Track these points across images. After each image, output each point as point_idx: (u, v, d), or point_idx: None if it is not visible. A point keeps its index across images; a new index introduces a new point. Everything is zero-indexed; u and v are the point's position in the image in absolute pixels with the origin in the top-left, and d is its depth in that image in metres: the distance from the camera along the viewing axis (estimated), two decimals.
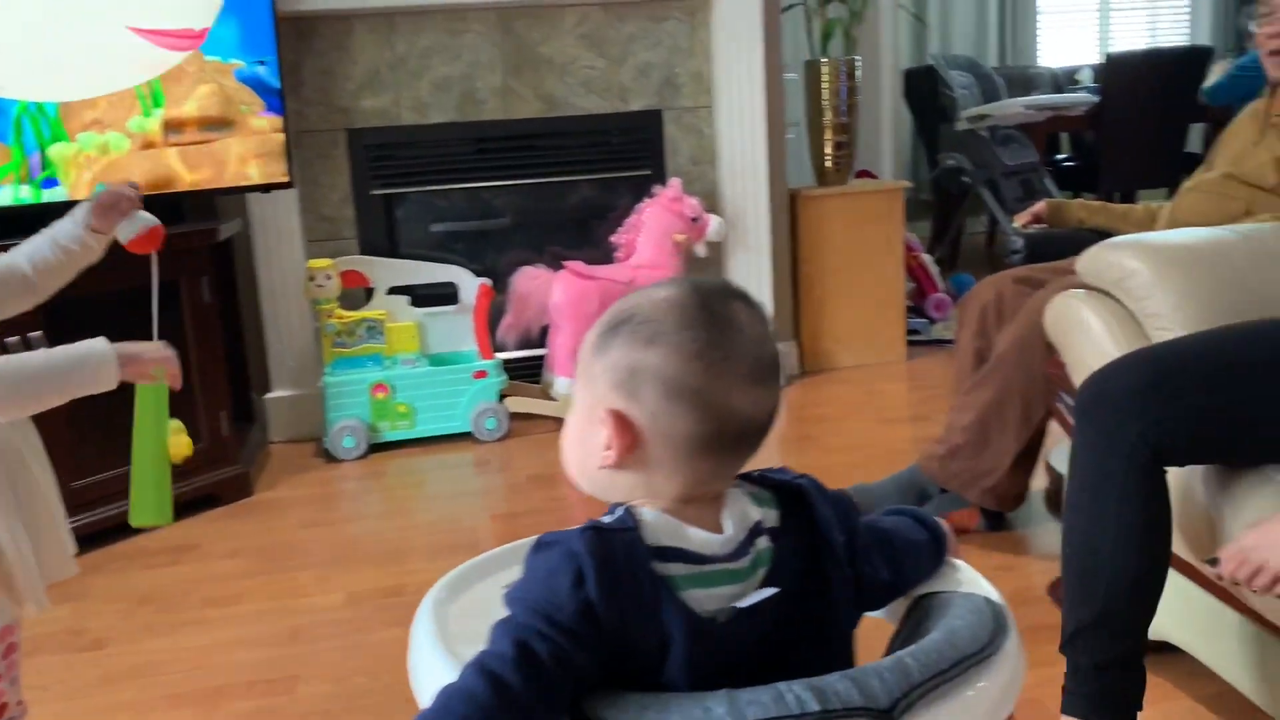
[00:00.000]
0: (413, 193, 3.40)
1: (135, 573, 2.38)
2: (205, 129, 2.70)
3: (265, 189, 2.86)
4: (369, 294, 3.20)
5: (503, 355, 3.25)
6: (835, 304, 3.72)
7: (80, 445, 2.41)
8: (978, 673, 0.80)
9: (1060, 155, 6.04)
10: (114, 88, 2.57)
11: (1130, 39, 6.90)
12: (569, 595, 0.75)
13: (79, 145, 2.55)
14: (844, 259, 3.70)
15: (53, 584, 1.34)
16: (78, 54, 2.53)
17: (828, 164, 3.77)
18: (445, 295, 3.21)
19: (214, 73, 2.69)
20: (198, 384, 2.67)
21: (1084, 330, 1.72)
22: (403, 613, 0.95)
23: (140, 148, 2.63)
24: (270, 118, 2.78)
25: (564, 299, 3.12)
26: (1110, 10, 6.93)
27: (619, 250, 3.26)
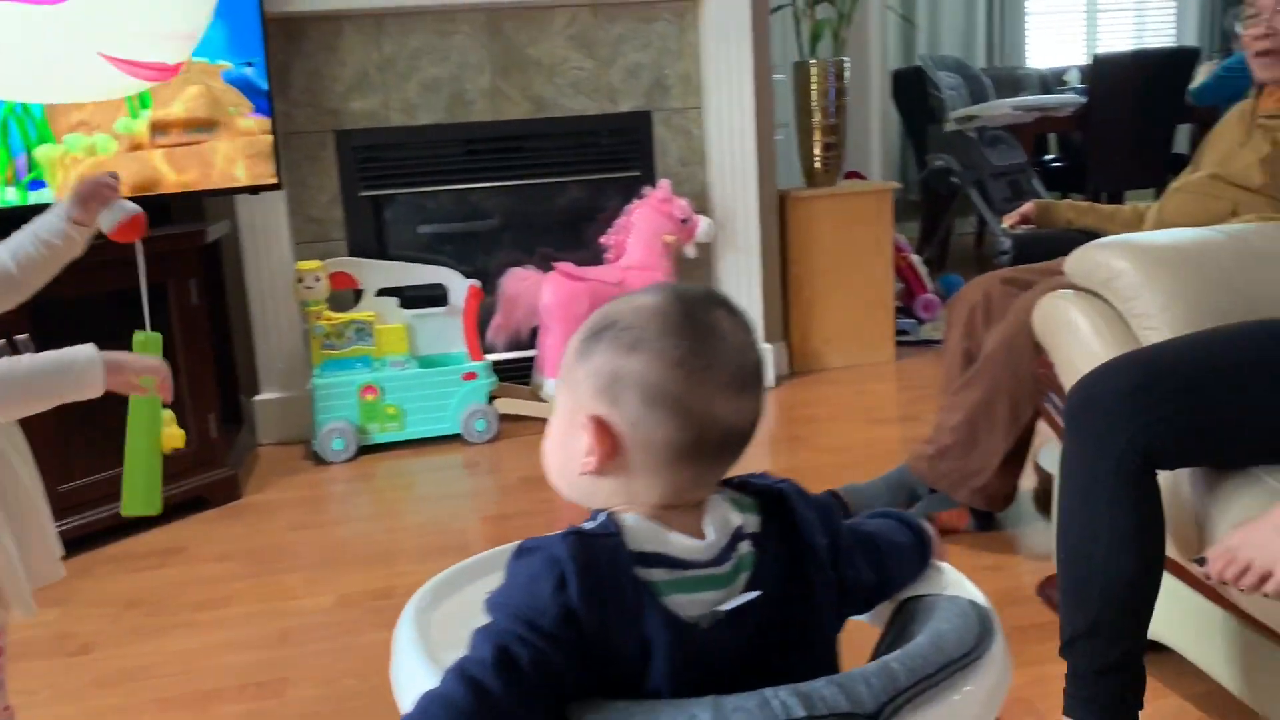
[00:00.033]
0: (401, 194, 3.40)
1: (123, 576, 2.37)
2: (193, 130, 2.69)
3: (253, 191, 2.85)
4: (358, 296, 3.19)
5: (492, 357, 3.24)
6: (824, 304, 3.72)
7: (67, 448, 2.40)
8: (964, 677, 0.80)
9: (1048, 156, 6.07)
10: (94, 98, 2.55)
11: (1117, 40, 6.93)
12: (551, 600, 0.75)
13: (65, 147, 2.54)
14: (833, 260, 3.70)
15: (40, 588, 1.34)
16: (58, 65, 2.52)
17: (817, 165, 3.77)
18: (434, 297, 3.21)
19: (201, 74, 2.68)
20: (186, 386, 2.66)
21: (1072, 330, 1.72)
22: (392, 615, 0.95)
23: (127, 149, 2.62)
24: (258, 119, 2.77)
25: (554, 300, 3.11)
26: (1098, 11, 6.96)
27: (608, 251, 3.25)
